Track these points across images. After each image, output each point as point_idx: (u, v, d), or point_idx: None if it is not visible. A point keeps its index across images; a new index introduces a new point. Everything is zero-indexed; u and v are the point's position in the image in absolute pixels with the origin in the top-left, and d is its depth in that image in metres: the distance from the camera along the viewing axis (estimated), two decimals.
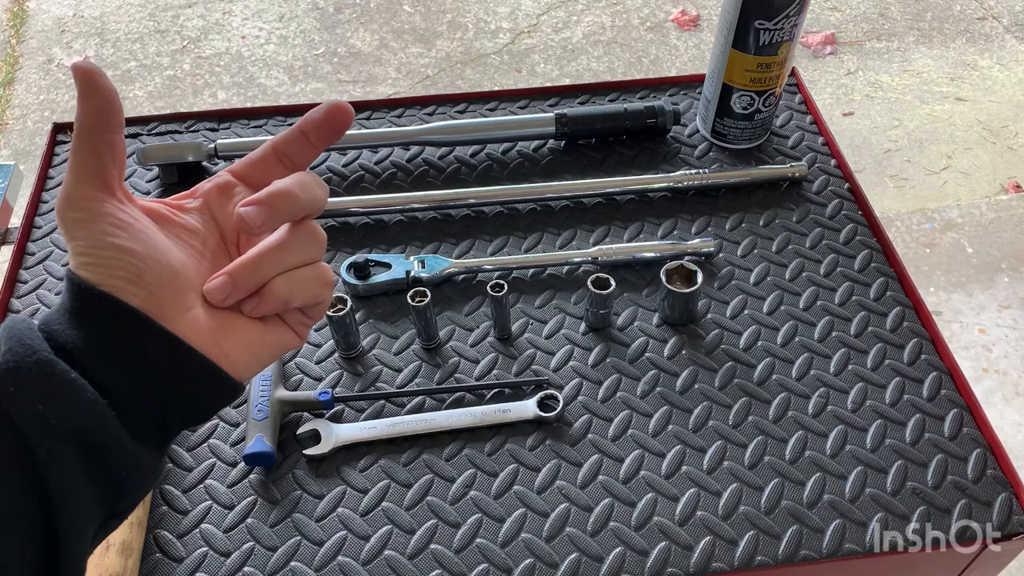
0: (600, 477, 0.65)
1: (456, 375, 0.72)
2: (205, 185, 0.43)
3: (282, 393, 0.68)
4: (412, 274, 0.77)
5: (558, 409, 0.68)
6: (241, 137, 0.92)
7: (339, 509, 0.64)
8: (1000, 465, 0.66)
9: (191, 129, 0.95)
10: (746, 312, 0.77)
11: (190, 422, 0.40)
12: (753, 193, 0.87)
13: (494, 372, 0.72)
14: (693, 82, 1.00)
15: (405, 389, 0.71)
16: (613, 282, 0.72)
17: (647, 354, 0.73)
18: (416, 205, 0.85)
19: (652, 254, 0.79)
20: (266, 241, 0.41)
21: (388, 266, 0.78)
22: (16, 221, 0.91)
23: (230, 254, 0.43)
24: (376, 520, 0.63)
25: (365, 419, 0.69)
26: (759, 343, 0.74)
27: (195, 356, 0.38)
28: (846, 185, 0.88)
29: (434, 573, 0.61)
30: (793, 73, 0.99)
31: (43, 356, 0.34)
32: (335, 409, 0.70)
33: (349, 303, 0.70)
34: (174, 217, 0.41)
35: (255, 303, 0.41)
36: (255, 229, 0.39)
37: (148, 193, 0.88)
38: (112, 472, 0.36)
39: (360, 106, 0.97)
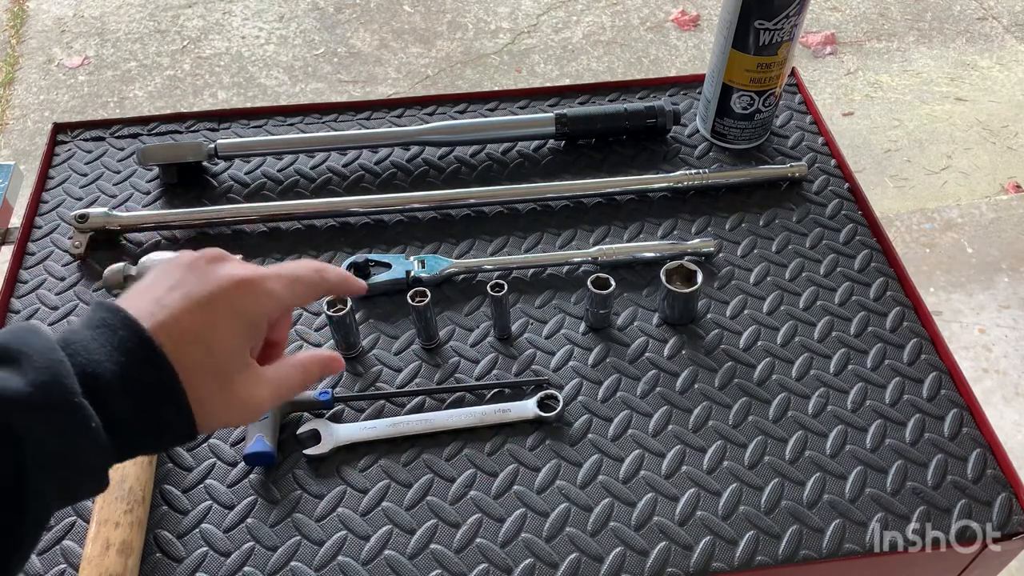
0: (600, 477, 0.65)
1: (456, 375, 0.72)
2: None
3: None
4: (412, 274, 0.77)
5: (558, 409, 0.68)
6: (241, 137, 0.92)
7: (339, 509, 0.64)
8: (1000, 465, 0.66)
9: (191, 129, 0.95)
10: (746, 312, 0.76)
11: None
12: (753, 193, 0.87)
13: (494, 372, 0.72)
14: (693, 82, 1.00)
15: (405, 389, 0.71)
16: (613, 282, 0.72)
17: (647, 354, 0.73)
18: (416, 205, 0.85)
19: (652, 254, 0.79)
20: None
21: (388, 266, 0.78)
22: (16, 221, 0.91)
23: None
24: (376, 520, 0.63)
25: (365, 419, 0.69)
26: (759, 343, 0.74)
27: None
28: (846, 185, 0.88)
29: (434, 573, 0.61)
30: (793, 73, 0.99)
31: (75, 400, 0.37)
32: (335, 409, 0.70)
33: (349, 303, 0.70)
34: None
35: None
36: None
37: (148, 193, 0.88)
38: (75, 484, 0.39)
39: (360, 106, 0.96)
